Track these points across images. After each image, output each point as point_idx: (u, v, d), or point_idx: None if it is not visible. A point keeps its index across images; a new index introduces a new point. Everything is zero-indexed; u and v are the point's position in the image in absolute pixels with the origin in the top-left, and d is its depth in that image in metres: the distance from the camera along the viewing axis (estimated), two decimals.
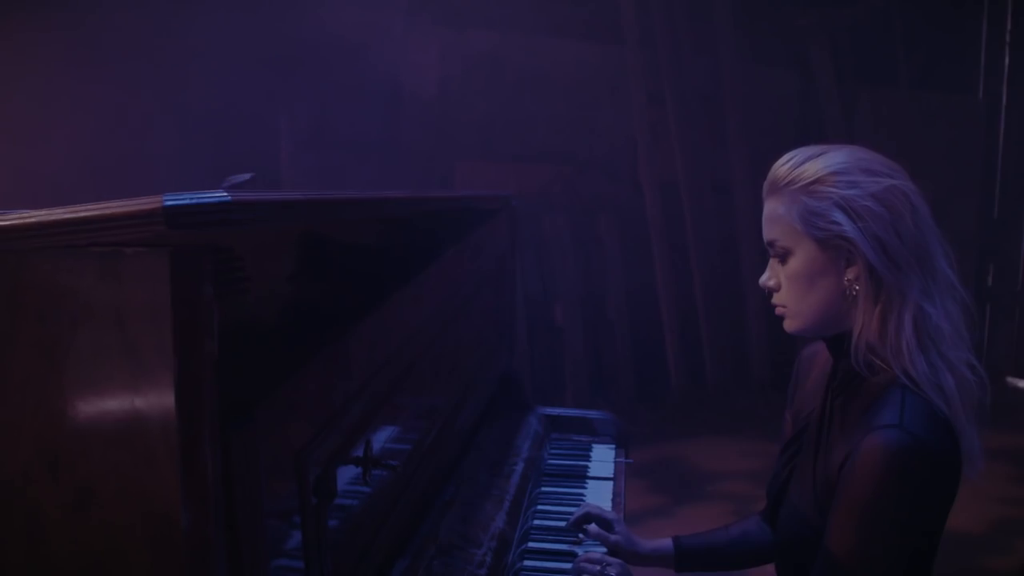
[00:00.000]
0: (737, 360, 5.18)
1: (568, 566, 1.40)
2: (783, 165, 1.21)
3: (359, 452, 1.04)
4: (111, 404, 0.66)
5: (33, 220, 0.63)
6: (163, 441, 0.65)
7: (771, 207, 1.22)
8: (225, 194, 0.64)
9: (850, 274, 1.15)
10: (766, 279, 1.24)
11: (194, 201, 0.62)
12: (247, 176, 1.47)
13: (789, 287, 1.21)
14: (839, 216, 1.14)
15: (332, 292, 1.11)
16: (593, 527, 1.53)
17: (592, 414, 2.18)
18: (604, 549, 1.50)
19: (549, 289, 5.15)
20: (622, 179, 5.26)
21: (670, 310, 5.17)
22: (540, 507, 1.70)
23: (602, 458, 2.00)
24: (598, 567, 1.33)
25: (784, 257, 1.20)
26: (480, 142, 5.07)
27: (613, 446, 2.08)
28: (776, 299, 1.24)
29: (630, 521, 3.35)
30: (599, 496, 1.79)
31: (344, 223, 1.12)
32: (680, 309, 5.17)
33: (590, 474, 1.90)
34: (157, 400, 0.65)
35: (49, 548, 0.67)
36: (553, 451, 2.03)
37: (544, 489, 1.79)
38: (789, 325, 1.24)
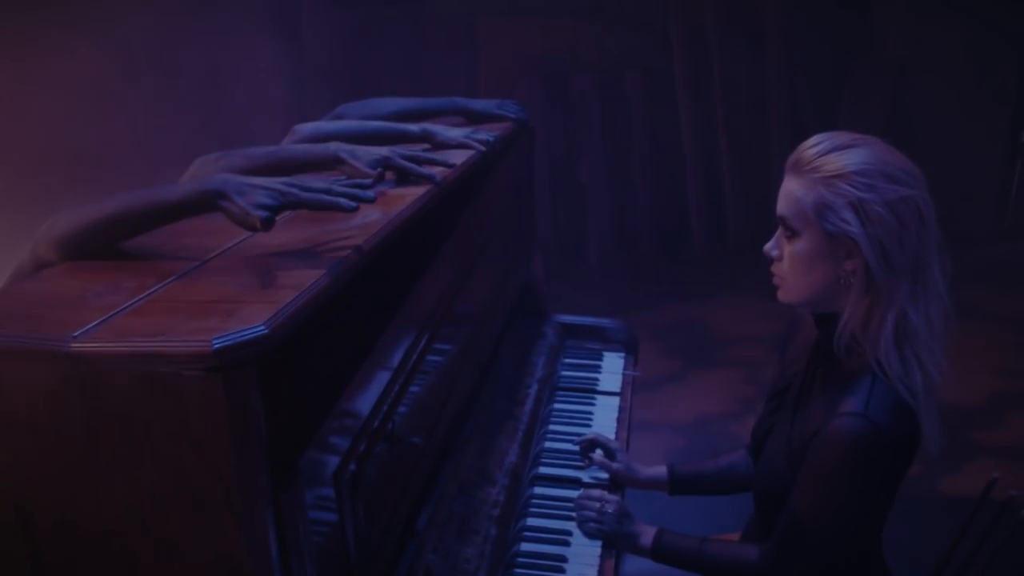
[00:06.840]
0: (760, 219, 5.24)
1: (574, 493, 1.60)
2: (809, 149, 1.27)
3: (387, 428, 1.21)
4: (184, 483, 0.81)
5: (107, 350, 0.77)
6: (228, 509, 0.82)
7: (790, 186, 1.29)
8: (263, 327, 0.77)
9: (848, 266, 1.25)
10: (771, 248, 1.34)
11: (239, 340, 0.75)
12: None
13: (790, 263, 1.31)
14: (850, 216, 1.22)
15: (357, 300, 1.24)
16: (598, 454, 1.73)
17: (604, 322, 2.33)
18: (607, 475, 1.70)
19: (574, 146, 5.18)
20: (651, 34, 5.12)
21: (695, 168, 5.19)
22: (551, 427, 1.89)
23: (612, 369, 2.17)
24: (598, 503, 1.52)
25: (791, 236, 1.29)
26: None
27: (623, 354, 2.25)
28: (775, 268, 1.34)
29: (646, 389, 3.56)
30: (607, 411, 1.98)
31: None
32: (705, 167, 5.19)
33: (599, 388, 2.07)
34: (220, 481, 0.81)
35: None
36: (567, 360, 2.21)
37: (556, 406, 1.97)
38: (783, 296, 1.35)
